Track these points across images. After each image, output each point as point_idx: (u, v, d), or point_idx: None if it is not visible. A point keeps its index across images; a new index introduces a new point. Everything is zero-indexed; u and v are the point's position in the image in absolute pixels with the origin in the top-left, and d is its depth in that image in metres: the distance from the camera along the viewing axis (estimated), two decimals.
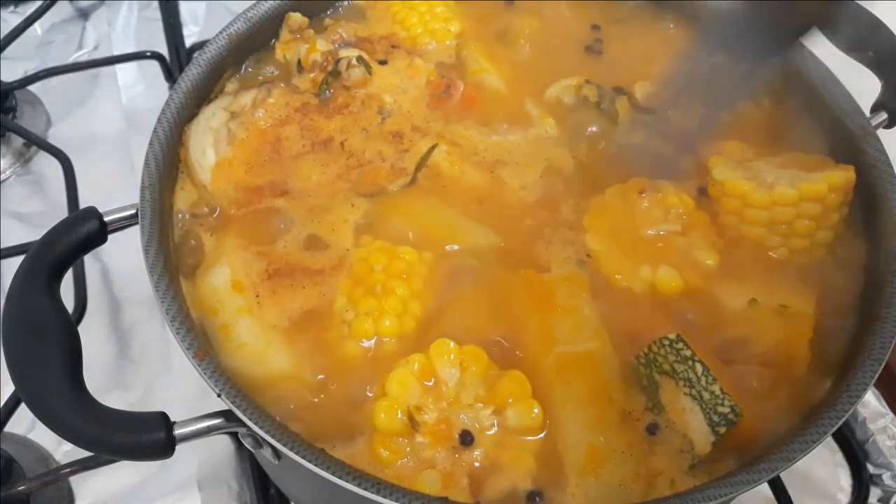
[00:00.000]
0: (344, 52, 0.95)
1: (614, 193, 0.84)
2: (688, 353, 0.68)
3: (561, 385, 0.71)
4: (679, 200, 0.82)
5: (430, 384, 0.69)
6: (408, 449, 0.67)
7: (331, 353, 0.74)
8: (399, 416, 0.67)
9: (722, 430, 0.66)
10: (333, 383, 0.73)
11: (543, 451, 0.68)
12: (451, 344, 0.71)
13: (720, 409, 0.66)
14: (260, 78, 0.96)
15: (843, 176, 0.80)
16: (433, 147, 0.88)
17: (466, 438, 0.67)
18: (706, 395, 0.67)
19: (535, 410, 0.68)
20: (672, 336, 0.70)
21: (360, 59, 0.93)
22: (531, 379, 0.70)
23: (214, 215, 0.83)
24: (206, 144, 0.86)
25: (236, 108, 0.90)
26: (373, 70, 0.94)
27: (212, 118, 0.88)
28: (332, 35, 0.99)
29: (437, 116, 0.93)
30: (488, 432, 0.68)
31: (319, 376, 0.73)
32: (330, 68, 0.93)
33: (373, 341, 0.74)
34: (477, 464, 0.67)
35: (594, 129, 0.91)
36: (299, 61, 0.95)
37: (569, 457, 0.68)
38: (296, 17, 0.99)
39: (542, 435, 0.69)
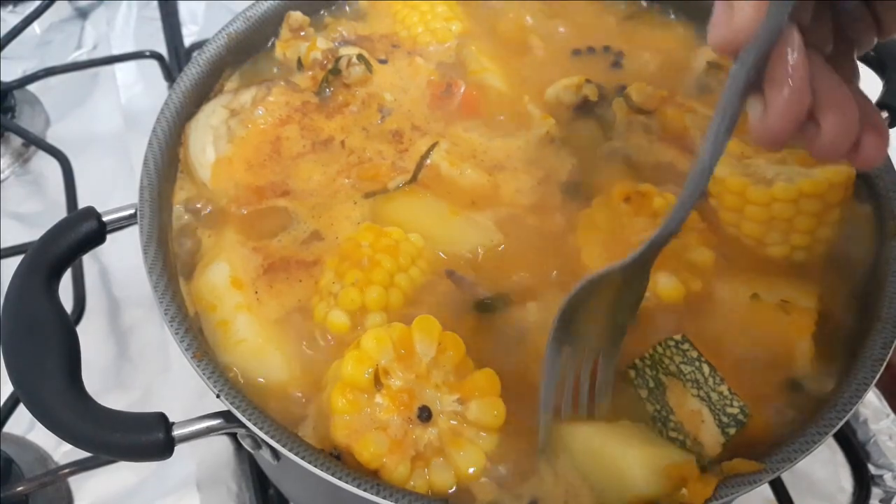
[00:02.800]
0: (344, 51, 0.95)
1: (600, 204, 0.83)
2: (694, 353, 0.68)
3: None
4: (665, 201, 0.81)
5: (404, 352, 0.68)
6: (364, 405, 0.66)
7: (319, 329, 0.74)
8: (366, 369, 0.66)
9: (732, 430, 0.65)
10: (322, 358, 0.73)
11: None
12: (435, 323, 0.69)
13: (729, 409, 0.66)
14: (259, 76, 0.96)
15: (844, 172, 0.79)
16: (433, 145, 0.88)
17: (424, 414, 0.66)
18: (714, 396, 0.66)
19: (497, 412, 0.67)
20: (678, 337, 0.69)
21: (360, 57, 0.93)
22: None
23: (214, 213, 0.83)
24: (206, 142, 0.86)
25: (236, 105, 0.90)
26: (373, 69, 0.94)
27: (212, 116, 0.88)
28: (333, 33, 0.99)
29: (437, 117, 0.92)
30: (447, 417, 0.67)
31: (311, 357, 0.73)
32: (330, 66, 0.93)
33: (358, 312, 0.73)
34: (427, 442, 0.66)
35: (592, 129, 0.91)
36: (299, 59, 0.95)
37: None
38: (296, 16, 0.99)
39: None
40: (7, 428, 0.97)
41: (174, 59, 1.39)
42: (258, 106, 0.90)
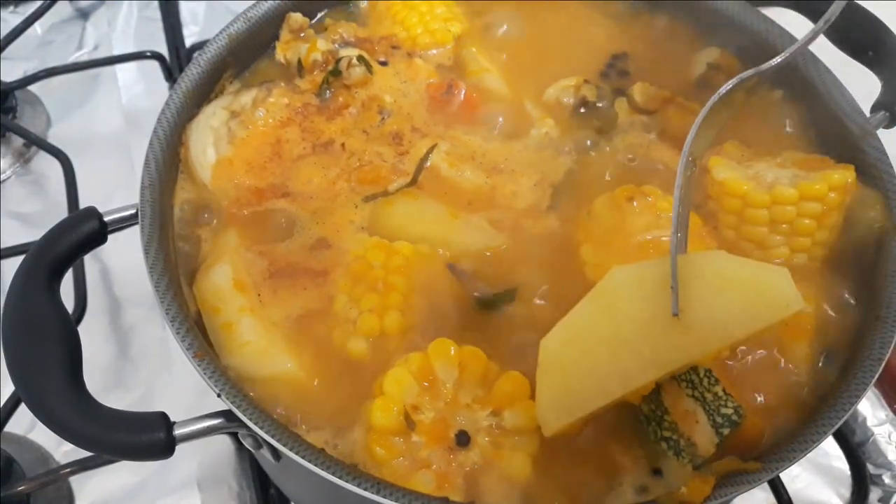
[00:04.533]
0: (344, 52, 0.95)
1: (603, 203, 0.83)
2: None
3: None
4: (669, 204, 0.80)
5: (428, 384, 0.69)
6: (403, 448, 0.67)
7: (336, 351, 0.74)
8: (395, 414, 0.67)
9: (725, 431, 0.65)
10: (340, 381, 0.73)
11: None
12: (451, 344, 0.70)
13: (723, 410, 0.65)
14: (260, 78, 0.96)
15: (843, 175, 0.79)
16: (433, 147, 0.88)
17: (463, 439, 0.67)
18: (709, 397, 0.66)
19: (532, 414, 0.67)
20: None
21: (360, 58, 0.93)
22: None
23: (214, 214, 0.83)
24: (207, 143, 0.86)
25: (237, 107, 0.90)
26: (373, 70, 0.94)
27: (212, 117, 0.88)
28: (333, 35, 0.99)
29: (437, 119, 0.92)
30: (485, 434, 0.68)
31: (324, 374, 0.73)
32: (330, 67, 0.93)
33: (378, 338, 0.74)
34: (473, 465, 0.67)
35: (592, 130, 0.91)
36: (300, 61, 0.95)
37: None
38: (296, 17, 0.99)
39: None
40: (8, 427, 0.97)
41: (175, 60, 1.39)
42: (259, 107, 0.90)
